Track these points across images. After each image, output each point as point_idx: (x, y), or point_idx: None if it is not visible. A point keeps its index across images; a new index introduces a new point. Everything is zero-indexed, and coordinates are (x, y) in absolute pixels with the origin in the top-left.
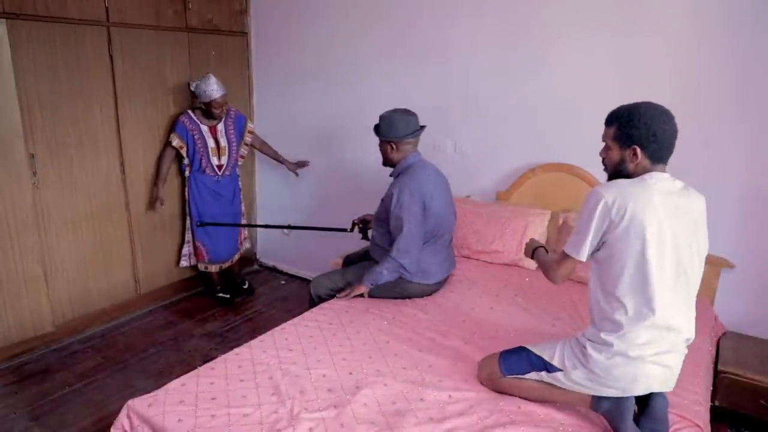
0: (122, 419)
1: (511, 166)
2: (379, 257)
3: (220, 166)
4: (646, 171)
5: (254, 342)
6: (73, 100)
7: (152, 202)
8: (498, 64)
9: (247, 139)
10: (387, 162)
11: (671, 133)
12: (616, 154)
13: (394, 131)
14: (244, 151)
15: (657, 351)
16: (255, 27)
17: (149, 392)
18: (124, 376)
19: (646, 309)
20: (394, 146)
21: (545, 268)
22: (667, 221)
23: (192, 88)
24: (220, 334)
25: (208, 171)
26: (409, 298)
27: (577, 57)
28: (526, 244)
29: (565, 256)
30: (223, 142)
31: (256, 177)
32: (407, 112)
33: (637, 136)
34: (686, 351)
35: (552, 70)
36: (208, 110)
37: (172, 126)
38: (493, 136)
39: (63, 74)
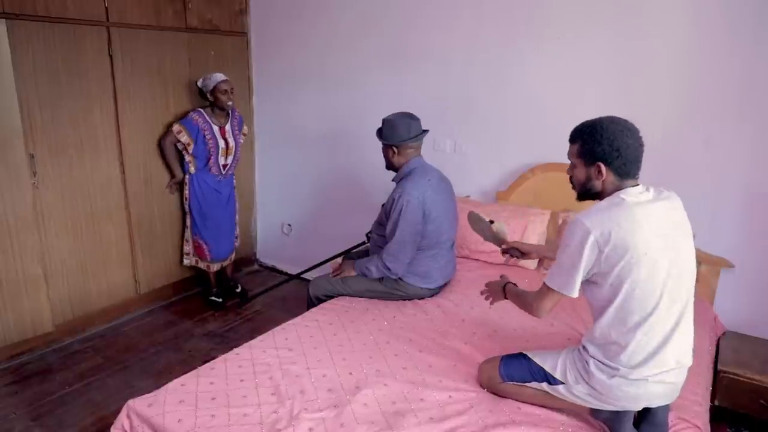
0: (122, 419)
1: (510, 166)
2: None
3: (225, 166)
4: (615, 187)
5: (254, 342)
6: (72, 100)
7: (172, 185)
8: (497, 64)
9: (240, 140)
10: (389, 166)
11: (635, 147)
12: (581, 172)
13: (397, 135)
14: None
15: (661, 370)
16: (255, 27)
17: (149, 392)
18: (124, 376)
19: (650, 332)
20: (395, 150)
21: (526, 304)
22: (655, 237)
23: (199, 85)
24: (220, 334)
25: (213, 170)
26: (410, 299)
27: (577, 57)
28: (490, 287)
29: (550, 290)
30: (231, 143)
31: (256, 175)
32: (410, 116)
33: (601, 152)
34: (691, 362)
35: (552, 70)
36: (215, 100)
37: (181, 118)
38: (493, 136)
39: (63, 74)
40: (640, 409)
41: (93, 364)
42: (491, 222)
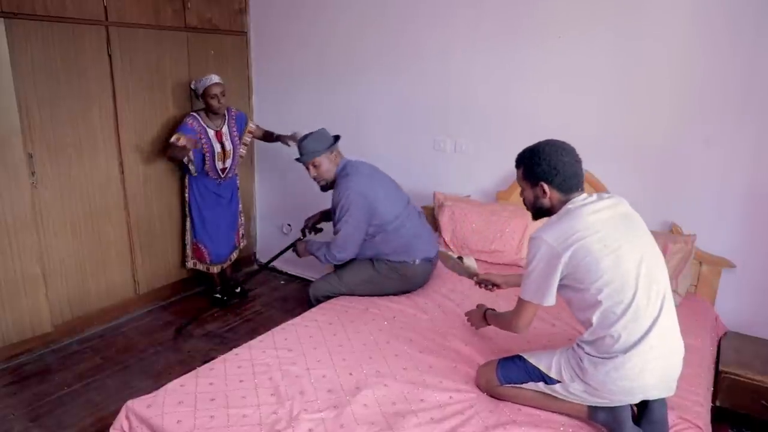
0: (121, 420)
1: (511, 165)
2: (365, 253)
3: (223, 170)
4: (561, 202)
5: (254, 342)
6: (71, 99)
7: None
8: (498, 63)
9: (246, 139)
10: (329, 183)
11: (571, 164)
12: (529, 193)
13: (326, 141)
14: (243, 151)
15: (654, 357)
16: (254, 26)
17: (148, 393)
18: (123, 377)
19: (637, 318)
20: (335, 155)
21: (506, 323)
22: (608, 229)
23: (192, 86)
24: (219, 335)
25: (211, 174)
26: (411, 282)
27: (578, 56)
28: (471, 316)
29: (525, 303)
30: (228, 146)
31: (255, 177)
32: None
33: (541, 172)
34: (683, 350)
35: (553, 69)
36: (206, 103)
37: (178, 126)
38: (494, 135)
39: (61, 74)
40: (636, 402)
41: (92, 365)
42: (460, 258)
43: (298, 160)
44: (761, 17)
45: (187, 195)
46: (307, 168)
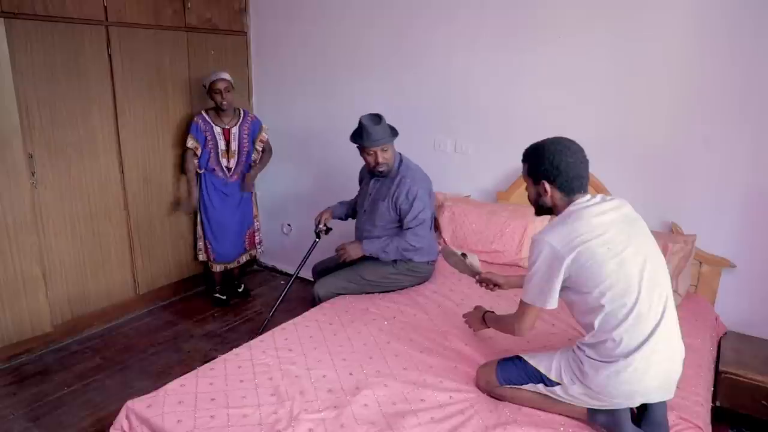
0: (121, 420)
1: (511, 166)
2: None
3: (229, 168)
4: (564, 203)
5: (254, 342)
6: (71, 100)
7: (178, 202)
8: (498, 64)
9: (258, 146)
10: (389, 169)
11: (575, 164)
12: (532, 190)
13: (392, 129)
14: (255, 156)
15: (656, 361)
16: (254, 26)
17: (148, 393)
18: (123, 377)
19: (640, 322)
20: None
21: (507, 327)
22: (611, 232)
23: (202, 83)
24: (219, 335)
25: (217, 172)
26: (421, 280)
27: (578, 56)
28: (469, 318)
29: (527, 306)
30: (234, 146)
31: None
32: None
33: (543, 171)
34: (683, 353)
35: (553, 70)
36: (211, 98)
37: (188, 128)
38: (494, 135)
39: (61, 74)
40: (637, 405)
41: (92, 365)
42: (464, 255)
43: (364, 145)
44: (761, 18)
45: (198, 191)
46: (369, 153)
